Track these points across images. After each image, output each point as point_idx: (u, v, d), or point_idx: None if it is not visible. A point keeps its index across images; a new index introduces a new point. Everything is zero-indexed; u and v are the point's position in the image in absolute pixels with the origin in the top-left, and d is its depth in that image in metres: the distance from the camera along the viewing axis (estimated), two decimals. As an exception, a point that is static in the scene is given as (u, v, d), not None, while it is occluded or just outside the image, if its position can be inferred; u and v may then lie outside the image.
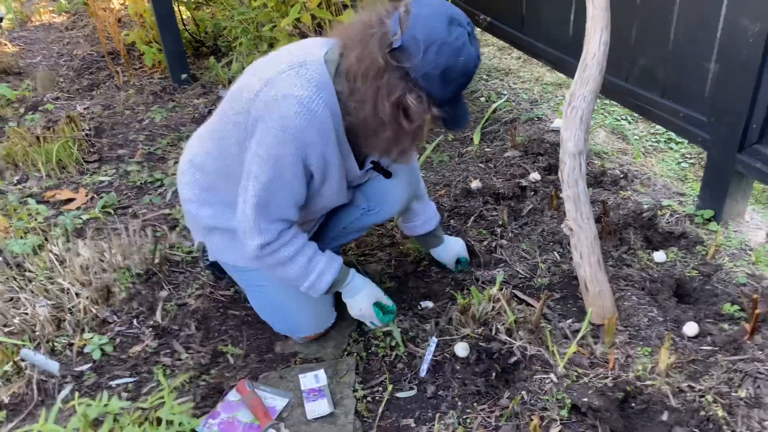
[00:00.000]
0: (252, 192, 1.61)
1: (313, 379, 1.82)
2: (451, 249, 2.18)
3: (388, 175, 1.86)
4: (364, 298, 1.83)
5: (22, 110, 3.67)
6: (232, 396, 1.80)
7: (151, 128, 3.41)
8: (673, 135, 2.85)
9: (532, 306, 2.02)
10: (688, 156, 2.71)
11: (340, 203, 1.87)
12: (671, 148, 2.79)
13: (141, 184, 2.93)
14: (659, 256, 2.15)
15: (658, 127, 2.91)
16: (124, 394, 1.87)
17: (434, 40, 1.40)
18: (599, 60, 2.04)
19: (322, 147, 1.60)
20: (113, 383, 1.91)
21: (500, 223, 2.39)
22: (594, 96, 2.02)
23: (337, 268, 1.77)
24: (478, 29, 3.72)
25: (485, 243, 2.31)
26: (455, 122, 1.61)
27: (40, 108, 3.68)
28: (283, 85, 1.54)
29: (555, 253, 2.25)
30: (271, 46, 3.25)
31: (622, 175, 2.58)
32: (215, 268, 2.17)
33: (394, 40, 1.42)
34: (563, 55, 2.86)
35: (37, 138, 3.12)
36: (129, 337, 2.10)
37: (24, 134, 3.14)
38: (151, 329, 2.11)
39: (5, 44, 4.65)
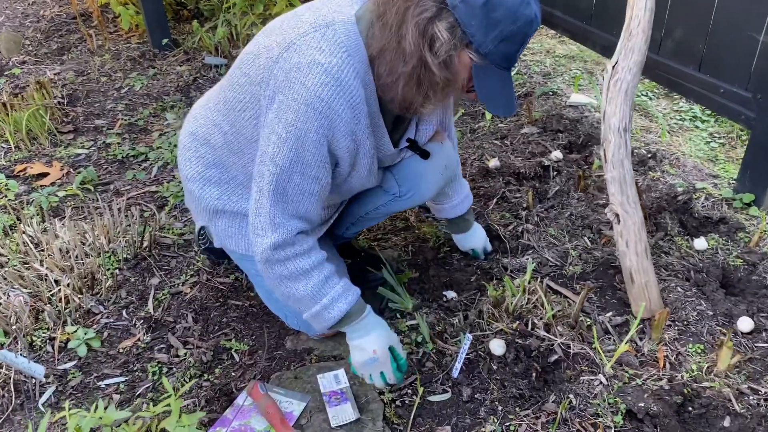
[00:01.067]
0: (268, 178, 1.36)
1: (333, 380, 1.62)
2: (479, 236, 1.98)
3: (425, 155, 1.64)
4: (379, 338, 1.51)
5: (-15, 75, 3.34)
6: (241, 399, 1.59)
7: (131, 97, 3.12)
8: (698, 112, 2.69)
9: (568, 298, 1.85)
10: (717, 135, 2.56)
11: (368, 187, 1.65)
12: (697, 127, 2.63)
13: (123, 158, 2.66)
14: (700, 243, 2.00)
15: (681, 103, 2.75)
16: (116, 396, 1.65)
17: None
18: (644, 28, 1.85)
19: (353, 125, 1.35)
20: (102, 384, 1.69)
21: (525, 205, 2.20)
22: (639, 68, 1.83)
23: (354, 298, 1.50)
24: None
25: (510, 227, 2.12)
26: (493, 98, 1.31)
27: (5, 73, 3.35)
28: (307, 50, 1.29)
29: (585, 238, 2.07)
30: (267, 8, 2.98)
31: (649, 155, 2.41)
32: (212, 252, 1.95)
33: None
34: (585, 25, 2.67)
35: (3, 105, 2.81)
36: (118, 330, 1.87)
37: (-11, 101, 2.83)
38: (142, 321, 1.89)
39: (-36, 3, 4.26)
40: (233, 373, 1.70)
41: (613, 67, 1.83)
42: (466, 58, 1.25)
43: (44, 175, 2.55)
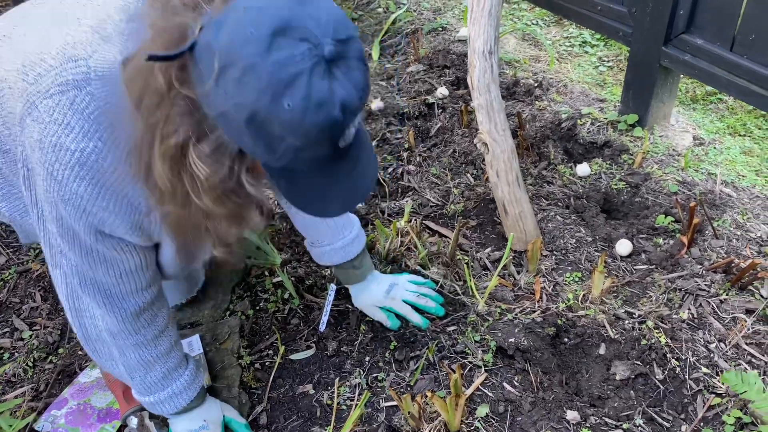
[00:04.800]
0: (68, 270, 1.08)
1: (186, 347, 1.48)
2: (376, 293, 1.51)
3: None
4: (210, 409, 1.31)
5: None
6: (84, 377, 1.44)
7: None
8: (588, 37, 2.59)
9: (447, 237, 1.74)
10: (606, 59, 2.47)
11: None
12: (587, 52, 2.53)
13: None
14: (582, 169, 1.91)
15: (572, 29, 2.64)
16: (-53, 392, 1.47)
17: (236, 58, 0.74)
18: (506, -59, 1.73)
19: (134, 216, 1.01)
20: (-66, 378, 1.51)
21: (406, 146, 2.07)
22: (503, -15, 1.71)
23: (194, 393, 1.27)
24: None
25: (390, 170, 1.99)
26: (344, 194, 0.91)
27: None
28: (49, 123, 0.90)
29: (468, 175, 1.96)
30: None
31: (536, 84, 2.31)
32: None
33: (184, 46, 0.77)
34: (466, -48, 2.52)
35: None
36: (-44, 318, 1.67)
37: None
38: (-15, 305, 1.70)
39: None
40: (80, 352, 1.54)
41: (476, -15, 1.70)
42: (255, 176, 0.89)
43: None
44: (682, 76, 2.00)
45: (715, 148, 2.00)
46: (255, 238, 1.69)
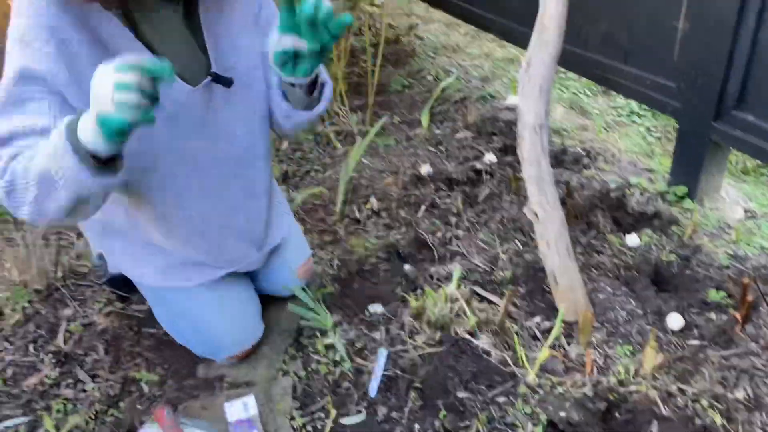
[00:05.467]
0: None
1: (241, 408, 1.52)
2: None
3: (228, 83, 1.24)
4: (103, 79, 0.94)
5: None
6: (146, 431, 1.49)
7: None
8: (635, 107, 2.64)
9: (496, 304, 1.77)
10: (654, 129, 2.51)
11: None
12: (635, 122, 2.58)
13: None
14: (632, 239, 1.93)
15: (619, 100, 2.70)
16: (14, 440, 1.54)
17: None
18: (558, 20, 1.80)
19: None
20: (1, 426, 1.58)
21: (455, 211, 2.12)
22: (554, 61, 1.77)
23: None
24: (425, 4, 3.46)
25: (439, 235, 2.04)
26: None
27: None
28: None
29: (516, 241, 2.00)
30: None
31: (584, 153, 2.35)
32: (116, 284, 1.84)
33: None
34: (516, 25, 2.62)
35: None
36: (23, 367, 1.75)
37: None
38: (51, 356, 1.77)
39: None
40: (139, 406, 1.60)
41: (528, 62, 1.77)
42: None
43: (-37, 208, 2.44)
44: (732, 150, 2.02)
45: (767, 222, 2.00)
46: (308, 300, 1.74)
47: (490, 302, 1.78)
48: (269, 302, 1.79)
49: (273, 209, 1.63)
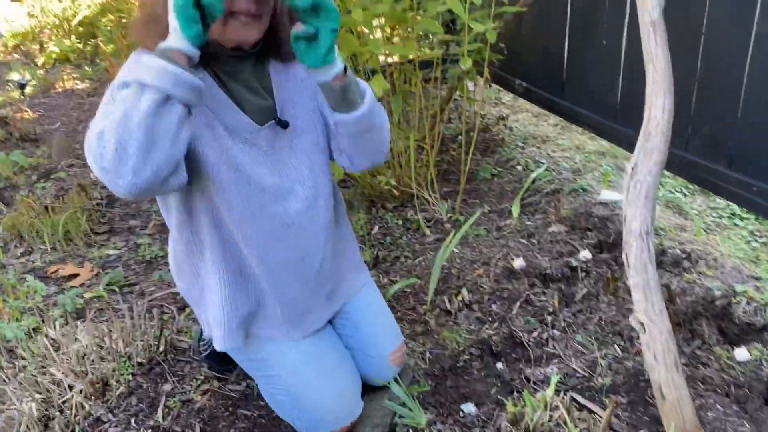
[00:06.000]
0: None
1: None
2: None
3: (285, 125, 1.43)
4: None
5: (34, 178, 3.51)
6: None
7: (167, 197, 3.21)
8: (736, 209, 2.57)
9: (596, 414, 1.71)
10: (758, 234, 2.42)
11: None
12: (736, 225, 2.50)
13: (151, 258, 2.70)
14: (741, 353, 1.84)
15: (718, 200, 2.64)
16: None
17: None
18: (663, 129, 1.81)
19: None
20: (102, 500, 1.63)
21: (550, 309, 2.10)
22: (660, 169, 1.77)
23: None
24: (512, 95, 3.53)
25: (534, 334, 2.01)
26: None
27: (52, 176, 3.52)
28: None
29: (616, 346, 1.94)
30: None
31: (684, 256, 2.29)
32: (213, 359, 1.90)
33: None
34: (610, 122, 2.63)
35: (46, 208, 2.93)
36: (124, 440, 1.82)
37: (32, 204, 2.95)
38: (150, 431, 1.83)
39: (25, 111, 4.57)
40: (234, 491, 1.62)
41: (633, 168, 1.78)
42: None
43: (75, 275, 2.60)
44: None
45: None
46: (402, 395, 1.74)
47: (590, 411, 1.72)
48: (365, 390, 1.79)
49: (341, 257, 1.69)
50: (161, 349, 2.11)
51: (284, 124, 1.42)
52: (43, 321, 2.27)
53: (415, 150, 2.60)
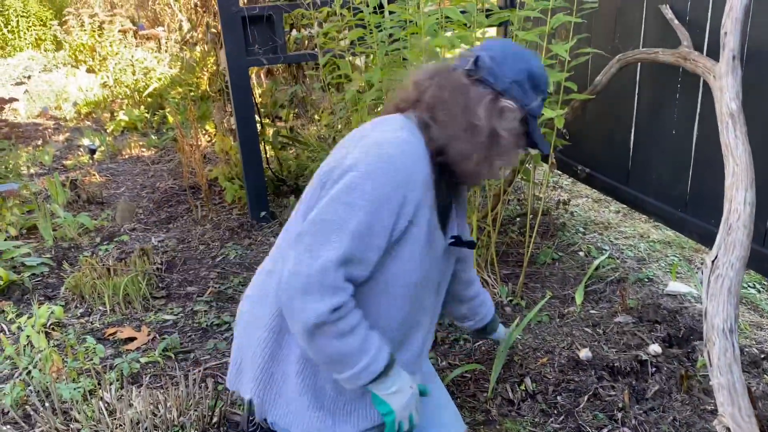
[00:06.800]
0: (336, 244, 1.28)
1: None
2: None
3: (472, 245, 1.60)
4: (407, 376, 1.44)
5: (98, 240, 3.61)
6: None
7: (224, 265, 3.25)
8: (816, 309, 2.44)
9: None
10: (842, 336, 2.29)
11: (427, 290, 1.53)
12: (817, 325, 2.37)
13: (207, 326, 2.70)
14: (836, 468, 1.69)
15: (795, 298, 2.52)
16: None
17: (508, 52, 1.40)
18: (745, 222, 1.75)
19: (422, 189, 1.36)
20: None
21: (620, 405, 1.99)
22: (743, 263, 1.71)
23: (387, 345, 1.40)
24: (573, 179, 3.51)
25: (604, 431, 1.90)
26: (541, 139, 1.47)
27: (115, 239, 3.61)
28: (383, 132, 1.38)
29: (693, 450, 1.82)
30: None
31: (763, 356, 2.17)
32: None
33: (470, 63, 1.39)
34: (679, 212, 2.58)
35: (108, 270, 2.99)
36: None
37: (95, 265, 3.02)
38: (199, 508, 1.77)
39: (93, 174, 4.76)
40: None
41: (713, 261, 1.72)
42: (523, 118, 1.42)
43: (132, 339, 2.61)
44: None
45: None
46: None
47: None
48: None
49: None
50: (214, 420, 2.07)
51: (470, 244, 1.59)
52: (99, 384, 2.26)
53: (477, 230, 2.58)
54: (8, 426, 2.10)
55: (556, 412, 2.00)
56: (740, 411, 1.55)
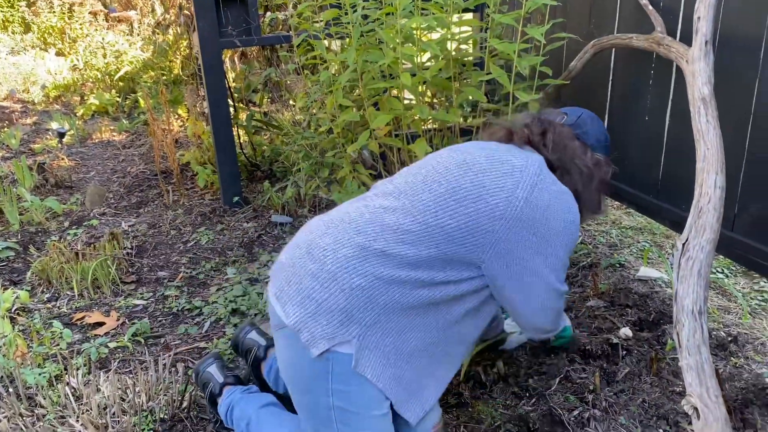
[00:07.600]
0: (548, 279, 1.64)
1: None
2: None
3: None
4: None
5: (66, 224, 3.53)
6: None
7: (196, 250, 3.20)
8: (782, 293, 2.49)
9: (644, 504, 1.60)
10: (807, 320, 2.33)
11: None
12: (783, 309, 2.41)
13: (177, 310, 2.66)
14: (799, 446, 1.73)
15: (762, 283, 2.56)
16: None
17: (588, 116, 1.82)
18: (716, 205, 1.77)
19: None
20: None
21: (591, 388, 2.01)
22: (712, 246, 1.72)
23: None
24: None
25: (575, 413, 1.92)
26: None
27: (84, 223, 3.54)
28: (549, 186, 1.57)
29: (660, 430, 1.84)
30: (332, 172, 3.09)
31: (730, 339, 2.20)
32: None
33: (566, 122, 1.77)
34: (652, 198, 2.60)
35: (76, 254, 2.93)
36: (141, 501, 1.73)
37: (63, 249, 2.95)
38: (168, 492, 1.75)
39: (62, 158, 4.66)
40: None
41: (683, 244, 1.73)
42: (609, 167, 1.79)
43: (100, 324, 2.56)
44: None
45: None
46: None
47: (637, 501, 1.61)
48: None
49: None
50: (184, 405, 2.04)
51: None
52: (66, 369, 2.22)
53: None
54: (-30, 412, 2.05)
55: (527, 394, 2.01)
56: (708, 391, 1.57)
